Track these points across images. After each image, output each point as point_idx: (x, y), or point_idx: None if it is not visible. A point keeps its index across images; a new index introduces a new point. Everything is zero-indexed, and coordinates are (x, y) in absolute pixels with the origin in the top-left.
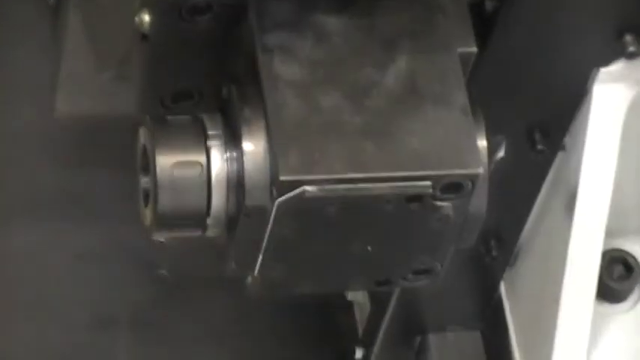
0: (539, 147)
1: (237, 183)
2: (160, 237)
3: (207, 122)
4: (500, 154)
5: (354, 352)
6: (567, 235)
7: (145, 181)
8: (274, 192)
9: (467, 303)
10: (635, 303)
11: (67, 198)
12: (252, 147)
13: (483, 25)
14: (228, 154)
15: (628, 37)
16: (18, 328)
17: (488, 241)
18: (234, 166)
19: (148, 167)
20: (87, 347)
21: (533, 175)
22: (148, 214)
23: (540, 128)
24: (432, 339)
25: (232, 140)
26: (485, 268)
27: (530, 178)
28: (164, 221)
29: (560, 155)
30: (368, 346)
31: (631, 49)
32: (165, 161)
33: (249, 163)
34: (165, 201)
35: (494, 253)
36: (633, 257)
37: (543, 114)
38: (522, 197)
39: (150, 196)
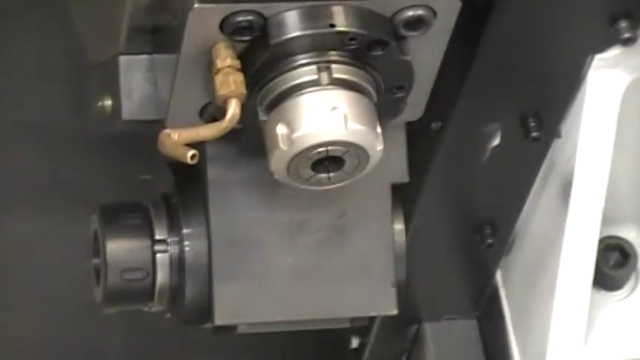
0: (535, 134)
1: (179, 267)
2: (111, 311)
3: (154, 221)
4: (496, 141)
5: (349, 341)
6: (563, 222)
7: (96, 262)
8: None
9: (463, 291)
10: (632, 290)
11: (63, 190)
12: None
13: (476, 14)
14: (172, 253)
15: (623, 23)
16: (9, 316)
17: (483, 229)
18: (177, 253)
19: (99, 251)
20: (78, 337)
21: (528, 163)
22: (98, 292)
23: (535, 116)
24: (428, 328)
25: (177, 232)
26: (480, 256)
27: (525, 166)
28: (113, 298)
29: (555, 142)
30: (363, 336)
31: (626, 35)
32: (115, 254)
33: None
34: (114, 283)
35: (489, 241)
36: (629, 244)
37: (538, 101)
38: (518, 185)
39: (100, 275)
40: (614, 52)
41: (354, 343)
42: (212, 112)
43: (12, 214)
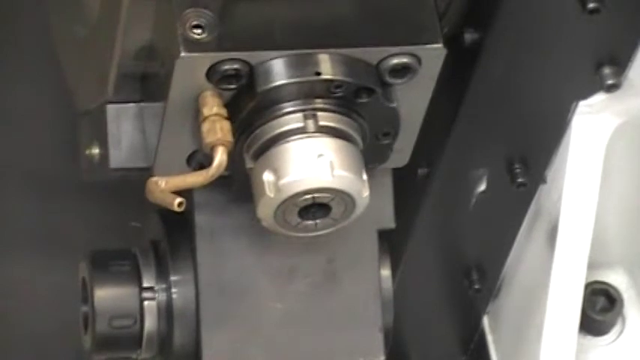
0: (520, 180)
1: (167, 314)
2: (100, 359)
3: (143, 269)
4: (482, 187)
5: None
6: (549, 267)
7: (84, 309)
8: None
9: (450, 337)
10: (618, 335)
11: (52, 236)
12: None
13: (462, 57)
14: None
15: (606, 70)
16: None
17: (470, 274)
18: (165, 300)
19: (87, 298)
20: None
21: (514, 208)
22: (87, 339)
23: (521, 161)
24: None
25: (165, 279)
26: (468, 301)
27: (511, 211)
28: (101, 346)
29: (541, 188)
30: None
31: (610, 81)
32: (103, 302)
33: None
34: (102, 330)
35: (476, 286)
36: (615, 289)
37: (524, 147)
38: (504, 230)
39: (89, 323)
40: (598, 98)
41: None
42: (199, 159)
43: (1, 260)
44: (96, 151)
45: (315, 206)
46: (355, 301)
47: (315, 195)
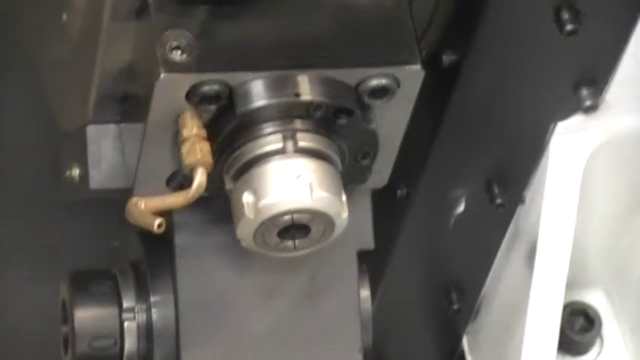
0: (499, 201)
1: (147, 334)
2: None
3: (123, 289)
4: (461, 208)
5: None
6: (528, 287)
7: (64, 329)
8: None
9: (430, 356)
10: (597, 355)
11: (32, 256)
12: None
13: (440, 78)
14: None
15: (584, 91)
16: None
17: (450, 294)
18: (145, 320)
19: (67, 319)
20: None
21: (493, 229)
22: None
23: (500, 182)
24: None
25: (145, 300)
26: (447, 321)
27: (490, 232)
28: None
29: (520, 208)
30: None
31: (588, 102)
32: (83, 323)
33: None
34: (82, 351)
35: (456, 306)
36: (594, 309)
37: (502, 168)
38: (483, 251)
39: (69, 343)
40: (577, 119)
41: None
42: (179, 180)
43: None
44: (76, 171)
45: (295, 227)
46: (334, 321)
47: (295, 216)
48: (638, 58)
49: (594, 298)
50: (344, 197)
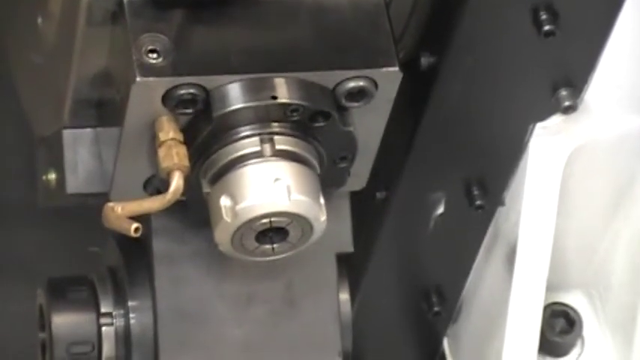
0: (478, 203)
1: (125, 340)
2: None
3: (100, 295)
4: (440, 210)
5: None
6: (508, 289)
7: (42, 336)
8: None
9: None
10: (577, 357)
11: (9, 262)
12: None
13: (418, 80)
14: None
15: (563, 92)
16: None
17: (430, 297)
18: (123, 326)
19: (44, 325)
20: None
21: (472, 231)
22: None
23: (479, 184)
24: None
25: (123, 305)
26: (427, 324)
27: (470, 234)
28: None
29: (500, 210)
30: None
31: (566, 103)
32: (60, 328)
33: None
34: (60, 357)
35: (436, 309)
36: (575, 311)
37: (481, 170)
38: (463, 253)
39: (46, 350)
40: (555, 120)
41: None
42: (156, 184)
43: None
44: (52, 176)
45: (273, 230)
46: (314, 326)
47: (272, 219)
48: (617, 59)
49: (575, 300)
50: (322, 200)
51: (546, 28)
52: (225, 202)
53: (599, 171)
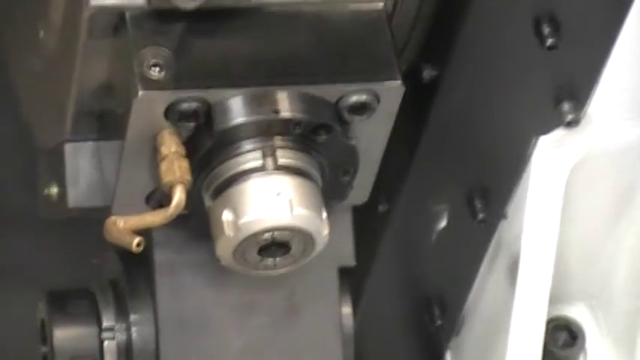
0: (481, 215)
1: (127, 353)
2: None
3: (102, 308)
4: (443, 223)
5: None
6: (511, 302)
7: (43, 349)
8: None
9: None
10: None
11: (11, 273)
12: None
13: (420, 93)
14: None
15: (566, 106)
16: None
17: (432, 309)
18: (124, 339)
19: (46, 338)
20: None
21: (475, 244)
22: None
23: (482, 197)
24: None
25: (124, 319)
26: (430, 337)
27: (472, 247)
28: None
29: (502, 223)
30: None
31: (570, 117)
32: (62, 343)
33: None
34: None
35: (438, 322)
36: (577, 324)
37: (484, 183)
38: (465, 266)
39: None
40: (558, 133)
41: None
42: (158, 198)
43: None
44: (54, 190)
45: (275, 245)
46: (315, 338)
47: (275, 233)
48: (620, 72)
49: (577, 313)
50: (325, 214)
51: (549, 41)
52: (227, 216)
53: (602, 182)
